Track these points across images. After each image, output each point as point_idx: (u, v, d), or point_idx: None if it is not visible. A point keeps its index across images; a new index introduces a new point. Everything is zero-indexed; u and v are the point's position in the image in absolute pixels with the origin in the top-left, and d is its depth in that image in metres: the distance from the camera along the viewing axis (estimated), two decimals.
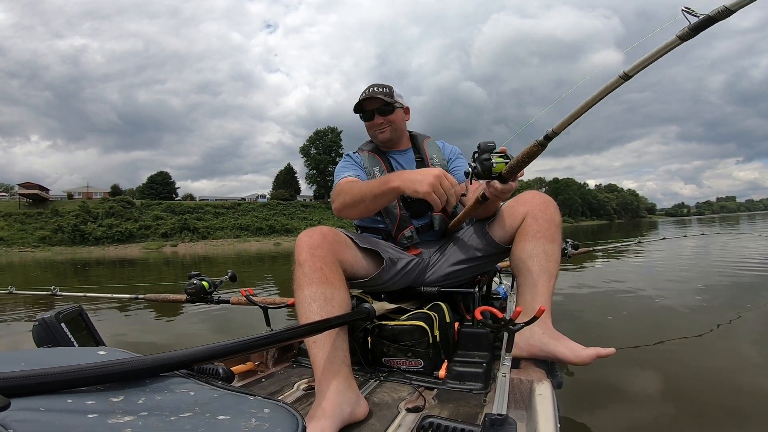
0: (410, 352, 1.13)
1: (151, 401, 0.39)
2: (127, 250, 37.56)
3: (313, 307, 0.96)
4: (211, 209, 51.62)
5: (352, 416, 0.87)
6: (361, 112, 1.41)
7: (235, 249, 30.93)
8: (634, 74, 0.75)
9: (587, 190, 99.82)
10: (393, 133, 1.40)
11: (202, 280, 1.76)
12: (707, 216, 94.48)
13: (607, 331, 2.35)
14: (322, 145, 60.74)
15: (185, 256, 20.57)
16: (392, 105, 1.37)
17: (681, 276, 4.25)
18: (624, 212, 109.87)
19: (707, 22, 0.66)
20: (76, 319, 0.99)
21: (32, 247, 38.54)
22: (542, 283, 1.08)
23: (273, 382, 1.19)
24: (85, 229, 41.68)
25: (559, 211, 1.18)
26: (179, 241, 43.50)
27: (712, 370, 1.67)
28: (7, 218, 42.91)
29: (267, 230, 48.72)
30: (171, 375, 0.45)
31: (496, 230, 1.21)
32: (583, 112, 0.82)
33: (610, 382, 1.57)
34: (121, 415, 0.35)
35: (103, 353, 0.48)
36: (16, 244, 39.03)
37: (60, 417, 0.33)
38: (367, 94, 1.37)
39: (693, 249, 7.01)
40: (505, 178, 0.97)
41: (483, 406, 0.95)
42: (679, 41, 0.70)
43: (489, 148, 0.97)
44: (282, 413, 0.39)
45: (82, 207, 44.51)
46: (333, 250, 1.05)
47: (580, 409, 1.36)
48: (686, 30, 0.68)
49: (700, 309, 2.70)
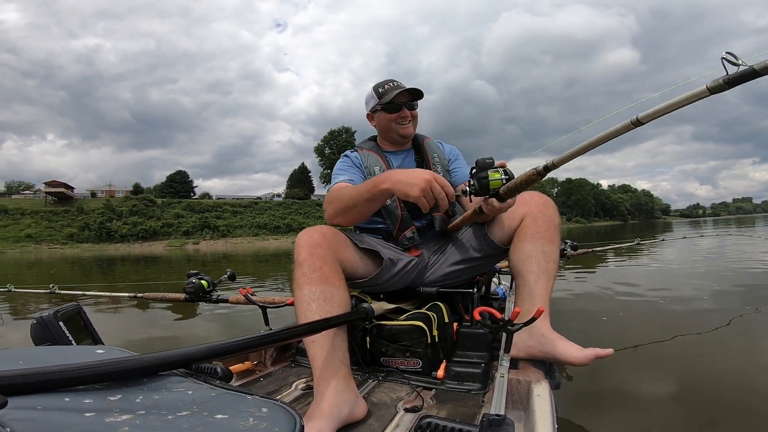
0: (409, 352, 1.13)
1: (149, 400, 0.39)
2: (152, 247, 38.28)
3: (312, 306, 0.96)
4: (229, 207, 52.39)
5: (350, 416, 0.87)
6: (387, 104, 1.36)
7: (255, 247, 31.21)
8: (647, 122, 0.69)
9: (600, 191, 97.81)
10: (414, 128, 1.40)
11: (201, 279, 1.76)
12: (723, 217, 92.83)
13: (606, 332, 2.35)
14: (336, 145, 60.83)
15: (206, 254, 20.89)
16: (417, 102, 1.38)
17: (682, 276, 4.27)
18: (638, 213, 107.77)
19: (750, 75, 0.56)
20: (74, 318, 0.99)
21: (60, 244, 39.47)
22: (541, 284, 1.08)
23: (271, 382, 1.19)
24: (111, 227, 42.78)
25: (558, 211, 1.18)
26: (200, 238, 44.49)
27: (712, 370, 1.67)
28: (34, 216, 43.99)
29: (284, 228, 49.21)
30: (169, 374, 0.45)
31: (495, 231, 1.22)
32: (587, 151, 0.79)
33: (608, 383, 1.57)
34: (119, 414, 0.35)
35: (101, 352, 0.48)
36: (45, 241, 40.01)
37: (58, 415, 0.33)
38: (397, 86, 1.36)
39: (695, 249, 7.03)
40: (502, 197, 0.96)
41: (481, 406, 0.96)
42: (708, 93, 0.61)
43: (487, 165, 0.96)
44: (280, 413, 0.39)
45: (106, 205, 45.53)
46: (333, 249, 1.04)
47: (578, 410, 1.36)
48: (720, 82, 0.59)
49: (700, 309, 2.70)
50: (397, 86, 1.36)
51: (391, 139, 1.43)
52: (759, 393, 1.43)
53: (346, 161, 1.42)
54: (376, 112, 1.40)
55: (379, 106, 1.38)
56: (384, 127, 1.41)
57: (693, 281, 3.90)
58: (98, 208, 45.13)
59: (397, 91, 1.34)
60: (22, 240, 39.75)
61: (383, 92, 1.36)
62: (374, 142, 1.47)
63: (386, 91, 1.36)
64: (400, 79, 1.41)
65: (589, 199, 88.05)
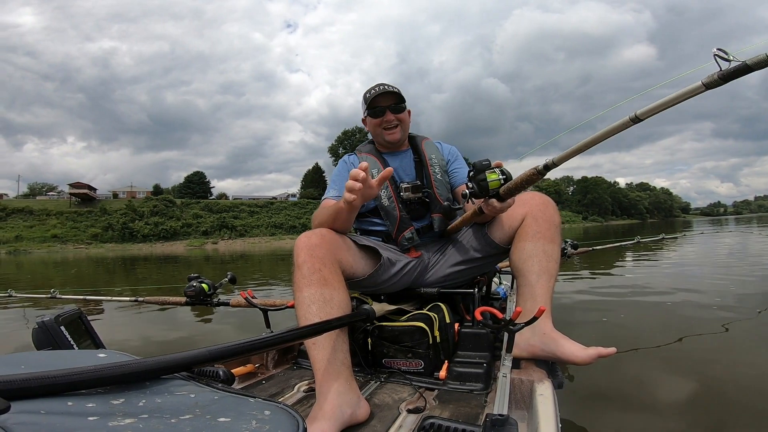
0: (410, 353, 1.13)
1: (152, 404, 0.39)
2: (173, 247, 38.88)
3: (312, 308, 0.96)
4: (245, 208, 52.96)
5: (352, 418, 0.87)
6: (370, 109, 1.37)
7: (271, 246, 31.37)
8: (645, 118, 0.70)
9: (617, 189, 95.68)
10: (402, 133, 1.39)
11: (202, 282, 1.76)
12: (744, 215, 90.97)
13: (608, 332, 2.34)
14: (350, 145, 61.03)
15: (224, 253, 21.13)
16: (404, 103, 1.37)
17: (684, 276, 4.25)
18: (657, 211, 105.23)
19: (743, 70, 0.57)
20: (75, 322, 0.99)
21: (85, 244, 40.33)
22: (542, 284, 1.08)
23: (273, 384, 1.19)
24: (134, 227, 43.58)
25: (558, 211, 1.18)
26: (219, 238, 45.16)
27: (715, 371, 1.65)
28: (60, 216, 44.98)
29: (300, 228, 49.44)
30: (171, 377, 0.46)
31: (496, 231, 1.22)
32: (586, 149, 0.79)
33: (611, 383, 1.57)
34: (122, 418, 0.35)
35: (103, 356, 0.48)
36: (70, 241, 40.86)
37: (60, 419, 0.33)
38: (380, 90, 1.34)
39: (696, 250, 7.00)
40: (502, 197, 0.96)
41: (484, 406, 0.95)
42: (704, 88, 0.62)
43: (483, 167, 0.97)
44: (282, 415, 0.39)
45: (128, 206, 46.33)
46: (332, 251, 1.05)
47: (581, 409, 1.36)
48: (715, 77, 0.60)
49: (708, 310, 2.68)
50: (380, 90, 1.35)
51: (381, 144, 1.44)
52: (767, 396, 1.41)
53: (343, 167, 1.43)
54: (366, 117, 1.42)
55: (366, 112, 1.39)
56: (373, 132, 1.43)
57: (703, 281, 3.83)
58: (120, 209, 46.27)
59: (378, 94, 1.34)
60: (48, 240, 40.49)
61: (369, 97, 1.36)
62: (372, 145, 1.48)
63: (371, 95, 1.36)
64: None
65: (606, 198, 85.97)
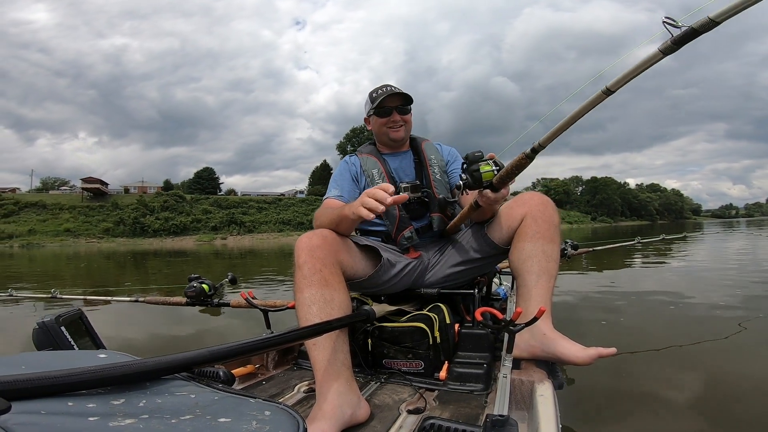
0: (411, 354, 1.13)
1: (152, 404, 0.39)
2: (182, 242, 39.43)
3: (312, 309, 0.96)
4: (254, 204, 53.22)
5: (353, 418, 0.87)
6: (377, 108, 1.39)
7: (279, 242, 31.63)
8: (616, 89, 0.75)
9: (627, 189, 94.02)
10: (405, 133, 1.42)
11: (202, 282, 1.76)
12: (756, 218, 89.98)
13: (609, 333, 2.34)
14: (358, 142, 61.20)
15: (233, 249, 21.28)
16: (410, 106, 1.40)
17: (685, 277, 4.24)
18: (667, 213, 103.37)
19: (691, 34, 0.63)
20: (76, 323, 0.99)
21: (97, 239, 40.79)
22: (542, 284, 1.08)
23: (273, 385, 1.19)
24: (144, 222, 43.95)
25: (557, 211, 1.18)
26: (228, 234, 45.64)
27: (717, 374, 1.65)
28: (72, 211, 45.43)
29: (308, 224, 49.59)
30: (172, 378, 0.45)
31: (495, 231, 1.22)
32: (569, 126, 0.83)
33: (611, 384, 1.56)
34: (122, 418, 0.35)
35: (103, 356, 0.48)
36: (82, 236, 41.29)
37: (61, 420, 0.33)
38: (388, 91, 1.37)
39: (699, 249, 6.98)
40: (496, 187, 0.99)
41: (484, 407, 0.95)
42: (662, 55, 0.68)
43: (476, 158, 1.00)
44: (283, 416, 0.39)
45: (139, 201, 46.75)
46: (333, 251, 1.05)
47: (582, 410, 1.35)
48: (668, 44, 0.65)
49: (705, 312, 2.68)
50: (388, 91, 1.38)
51: (384, 143, 1.46)
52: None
53: (345, 168, 1.44)
54: (371, 116, 1.43)
55: (372, 111, 1.40)
56: (377, 131, 1.44)
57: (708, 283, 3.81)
58: (132, 204, 46.57)
59: (386, 95, 1.36)
60: (61, 234, 40.87)
61: (376, 97, 1.38)
62: (373, 146, 1.49)
63: (378, 95, 1.38)
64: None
65: (615, 198, 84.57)
